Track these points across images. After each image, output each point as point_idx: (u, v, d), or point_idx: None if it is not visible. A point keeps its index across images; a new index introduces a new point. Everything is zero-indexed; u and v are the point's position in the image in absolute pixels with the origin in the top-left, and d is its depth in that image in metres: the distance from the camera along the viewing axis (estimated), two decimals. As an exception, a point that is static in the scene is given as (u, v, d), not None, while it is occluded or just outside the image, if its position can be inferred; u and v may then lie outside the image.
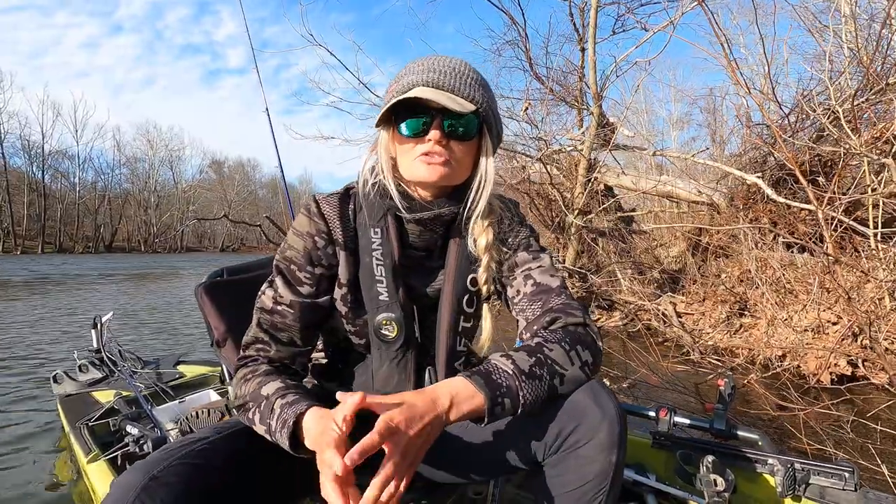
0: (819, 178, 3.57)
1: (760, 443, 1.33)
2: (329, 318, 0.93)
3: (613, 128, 5.23)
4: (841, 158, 3.35)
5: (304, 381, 1.02)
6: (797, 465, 1.22)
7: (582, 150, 5.05)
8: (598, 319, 4.77)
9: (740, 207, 4.43)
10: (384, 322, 0.86)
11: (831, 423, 2.18)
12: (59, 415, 2.00)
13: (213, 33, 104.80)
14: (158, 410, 1.78)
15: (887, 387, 2.68)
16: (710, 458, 1.19)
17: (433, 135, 0.79)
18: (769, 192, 3.63)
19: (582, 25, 5.88)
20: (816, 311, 3.19)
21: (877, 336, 2.73)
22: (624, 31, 5.98)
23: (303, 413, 0.71)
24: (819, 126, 3.78)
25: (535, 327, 0.83)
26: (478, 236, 0.88)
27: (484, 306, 0.93)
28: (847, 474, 1.18)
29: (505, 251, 0.92)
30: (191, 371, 2.35)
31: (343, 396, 0.66)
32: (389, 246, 0.87)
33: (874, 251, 3.13)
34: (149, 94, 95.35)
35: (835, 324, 3.13)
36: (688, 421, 1.42)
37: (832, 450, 1.91)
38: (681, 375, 3.03)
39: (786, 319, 3.34)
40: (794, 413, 2.17)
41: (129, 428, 1.62)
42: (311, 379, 1.02)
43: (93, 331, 2.45)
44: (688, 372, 3.14)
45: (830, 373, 2.85)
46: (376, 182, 0.86)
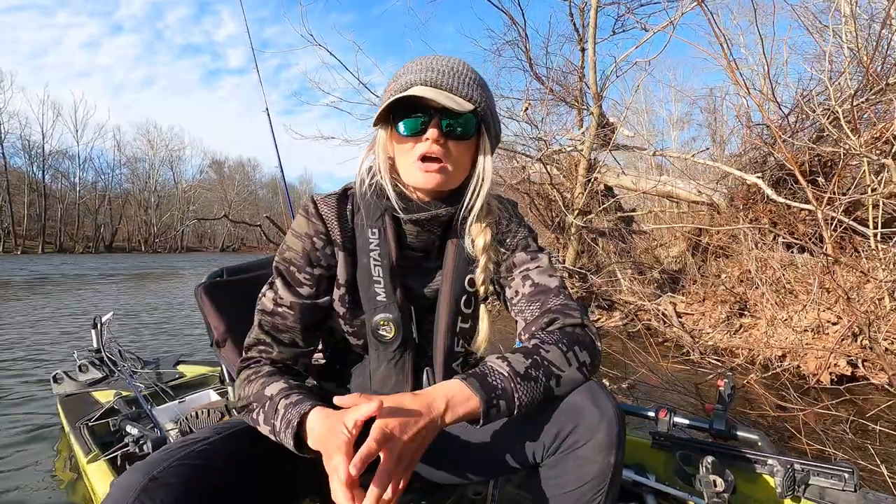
0: (819, 179, 3.57)
1: (760, 443, 1.33)
2: (328, 318, 0.93)
3: (613, 128, 5.23)
4: (841, 159, 3.35)
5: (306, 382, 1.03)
6: (797, 466, 1.22)
7: (582, 150, 5.05)
8: (598, 319, 4.77)
9: (740, 207, 4.43)
10: (382, 323, 0.87)
11: (831, 424, 2.18)
12: (59, 415, 2.00)
13: (214, 33, 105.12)
14: (158, 410, 1.78)
15: (887, 387, 2.68)
16: (710, 459, 1.19)
17: (431, 134, 0.79)
18: (769, 192, 3.63)
19: (582, 25, 5.88)
20: (816, 312, 3.19)
21: (876, 336, 2.73)
22: (624, 31, 5.98)
23: (307, 413, 0.72)
24: (819, 126, 3.78)
25: (533, 328, 0.83)
26: (475, 237, 0.88)
27: (481, 307, 0.92)
28: (847, 475, 1.18)
29: (503, 252, 0.92)
30: (191, 371, 2.36)
31: (349, 400, 0.66)
32: (387, 246, 0.87)
33: (874, 251, 3.13)
34: (149, 94, 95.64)
35: (835, 324, 3.13)
36: (687, 421, 1.42)
37: (832, 450, 1.91)
38: (680, 376, 3.03)
39: (786, 319, 3.34)
40: (794, 413, 2.17)
41: (128, 428, 1.62)
42: (309, 379, 1.02)
43: (93, 331, 2.45)
44: (687, 372, 3.14)
45: (830, 373, 2.85)
46: (373, 182, 0.86)
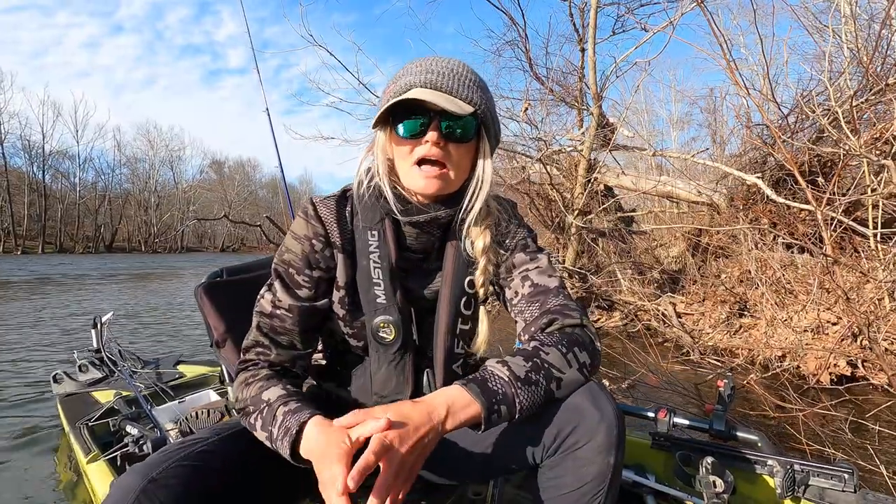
0: (819, 179, 3.57)
1: (760, 444, 1.33)
2: (327, 320, 0.93)
3: (613, 128, 5.23)
4: (840, 159, 3.35)
5: (304, 382, 1.02)
6: (796, 467, 1.22)
7: (582, 150, 5.05)
8: (598, 320, 4.77)
9: (740, 208, 4.44)
10: (382, 325, 0.86)
11: (831, 424, 2.18)
12: (59, 415, 2.00)
13: (214, 33, 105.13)
14: (158, 410, 1.78)
15: (887, 387, 2.68)
16: (710, 460, 1.19)
17: (431, 136, 0.78)
18: (769, 192, 3.63)
19: (582, 26, 5.88)
20: (816, 312, 3.19)
21: (876, 337, 2.73)
22: (624, 31, 5.98)
23: (305, 422, 0.71)
24: (819, 127, 3.78)
25: (532, 329, 0.83)
26: (475, 239, 0.88)
27: (481, 308, 0.92)
28: (846, 475, 1.18)
29: (502, 253, 0.92)
30: (191, 371, 2.35)
31: (350, 420, 0.66)
32: (386, 248, 0.86)
33: (874, 252, 3.13)
34: (149, 95, 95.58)
35: (834, 324, 3.13)
36: (687, 422, 1.42)
37: (831, 451, 1.91)
38: (680, 376, 3.03)
39: (785, 320, 3.34)
40: (794, 414, 2.17)
41: (128, 428, 1.62)
42: (309, 379, 1.02)
43: (93, 331, 2.45)
44: (687, 372, 3.14)
45: (830, 373, 2.85)
46: (372, 184, 0.86)
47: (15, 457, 2.08)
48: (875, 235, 3.06)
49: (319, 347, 1.03)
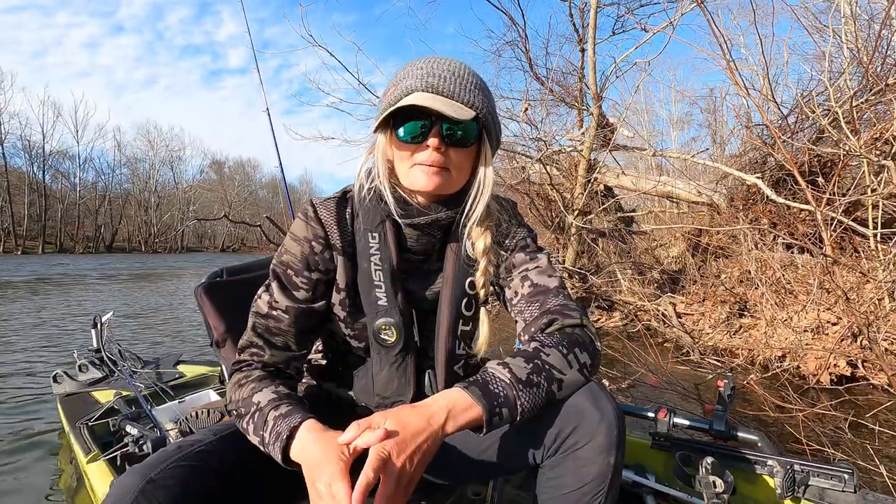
0: (818, 179, 3.57)
1: (760, 444, 1.33)
2: (326, 322, 0.93)
3: (613, 128, 5.23)
4: (840, 159, 3.35)
5: (302, 381, 1.02)
6: (796, 467, 1.22)
7: (582, 150, 5.05)
8: (598, 320, 4.77)
9: (740, 208, 4.44)
10: (383, 327, 0.86)
11: (830, 424, 2.18)
12: (59, 414, 2.00)
13: (214, 34, 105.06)
14: (158, 410, 1.78)
15: (886, 387, 2.67)
16: (710, 460, 1.19)
17: (432, 142, 0.78)
18: (769, 192, 3.63)
19: (582, 26, 5.87)
20: (816, 312, 3.19)
21: (876, 337, 2.73)
22: (624, 31, 5.96)
23: (296, 427, 0.71)
24: (819, 127, 3.78)
25: (532, 329, 0.82)
26: (475, 240, 0.88)
27: (482, 309, 0.92)
28: (846, 476, 1.18)
29: (502, 253, 0.92)
30: (191, 371, 2.36)
31: (351, 435, 0.65)
32: (387, 251, 0.86)
33: (874, 252, 3.13)
34: (150, 95, 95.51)
35: (834, 324, 3.13)
36: (687, 422, 1.43)
37: (831, 451, 1.90)
38: (680, 376, 3.02)
39: (785, 320, 3.34)
40: (794, 414, 2.17)
41: (128, 428, 1.62)
42: (308, 379, 1.02)
43: (93, 330, 2.45)
44: (687, 372, 3.14)
45: (830, 373, 2.86)
46: (373, 187, 0.85)
47: (15, 456, 2.08)
48: (875, 235, 3.06)
49: (319, 347, 1.03)
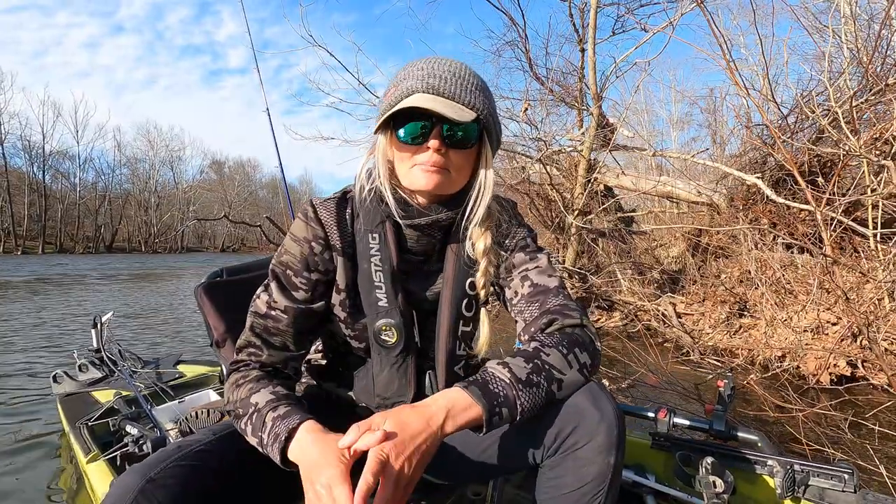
0: (818, 179, 3.57)
1: (760, 444, 1.33)
2: (325, 322, 0.92)
3: (613, 128, 5.23)
4: (840, 159, 3.35)
5: (301, 381, 1.02)
6: (796, 467, 1.22)
7: (582, 150, 5.05)
8: (598, 320, 4.77)
9: (740, 208, 4.44)
10: (384, 328, 0.86)
11: (830, 424, 2.18)
12: (59, 414, 2.00)
13: (214, 33, 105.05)
14: (158, 410, 1.78)
15: (886, 387, 2.67)
16: (710, 460, 1.19)
17: (433, 144, 0.78)
18: (769, 192, 3.63)
19: (582, 26, 5.87)
20: (816, 312, 3.19)
21: (875, 337, 2.73)
22: (624, 31, 5.96)
23: (295, 428, 0.71)
24: (819, 127, 3.78)
25: (532, 329, 0.82)
26: (476, 240, 0.87)
27: (482, 310, 0.92)
28: (846, 476, 1.18)
29: (502, 253, 0.92)
30: (190, 371, 2.35)
31: (351, 440, 0.64)
32: (388, 251, 0.86)
33: (873, 252, 3.13)
34: (150, 95, 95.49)
35: (834, 324, 3.13)
36: (687, 422, 1.42)
37: (831, 451, 1.91)
38: (680, 376, 3.02)
39: (785, 320, 3.34)
40: (794, 414, 2.17)
41: (128, 428, 1.62)
42: (308, 379, 1.02)
43: (92, 330, 2.45)
44: (687, 372, 3.14)
45: (830, 373, 2.86)
46: (373, 187, 0.85)
47: (15, 456, 2.07)
48: (875, 235, 3.06)
49: (319, 347, 1.03)
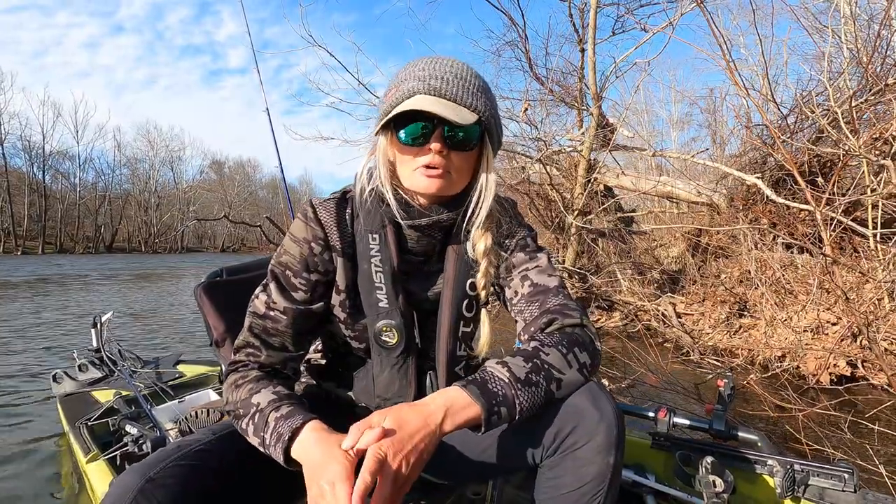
0: (818, 179, 3.57)
1: (760, 444, 1.33)
2: (324, 323, 0.92)
3: (613, 128, 5.23)
4: (840, 159, 3.35)
5: (301, 380, 1.02)
6: (796, 466, 1.22)
7: (582, 150, 5.05)
8: (598, 320, 4.77)
9: (740, 208, 4.44)
10: (384, 329, 0.86)
11: (830, 424, 2.18)
12: (59, 414, 2.00)
13: (214, 34, 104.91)
14: (158, 410, 1.78)
15: (886, 387, 2.67)
16: (710, 459, 1.19)
17: (434, 146, 0.77)
18: (768, 192, 3.63)
19: (581, 26, 5.87)
20: (816, 312, 3.19)
21: (875, 337, 2.73)
22: (623, 31, 5.95)
23: (299, 428, 0.71)
24: (818, 127, 3.78)
25: (532, 329, 0.82)
26: (476, 241, 0.87)
27: (482, 310, 0.92)
28: (846, 475, 1.18)
29: (502, 254, 0.91)
30: (190, 371, 2.35)
31: (352, 441, 0.65)
32: (388, 252, 0.86)
33: (873, 252, 3.13)
34: (150, 95, 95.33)
35: (834, 324, 3.13)
36: (687, 421, 1.42)
37: (831, 451, 1.91)
38: (680, 376, 3.02)
39: (785, 320, 3.34)
40: (794, 414, 2.17)
41: (128, 427, 1.62)
42: (308, 378, 1.02)
43: (92, 330, 2.45)
44: (687, 372, 3.14)
45: (830, 373, 2.86)
46: (374, 188, 0.85)
47: (14, 456, 2.07)
48: (875, 235, 3.06)
49: (319, 347, 1.03)
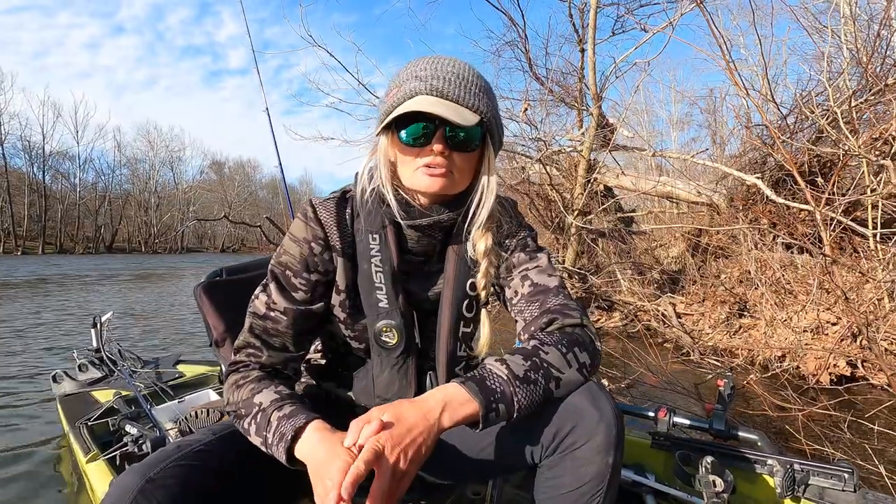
0: (818, 179, 3.57)
1: (760, 443, 1.33)
2: (325, 323, 0.92)
3: (613, 128, 5.23)
4: (840, 159, 3.35)
5: (301, 380, 1.02)
6: (796, 466, 1.22)
7: (581, 150, 5.05)
8: (598, 320, 4.77)
9: (740, 208, 4.44)
10: (384, 329, 0.86)
11: (830, 424, 2.18)
12: (59, 414, 2.00)
13: (214, 34, 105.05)
14: (158, 410, 1.77)
15: (886, 387, 2.67)
16: (710, 459, 1.19)
17: (436, 147, 0.77)
18: (768, 192, 3.63)
19: (581, 26, 5.87)
20: (816, 312, 3.19)
21: (875, 337, 2.73)
22: (623, 31, 5.96)
23: (301, 427, 0.71)
24: (818, 127, 3.78)
25: (532, 328, 0.82)
26: (476, 241, 0.87)
27: (482, 311, 0.92)
28: (846, 475, 1.18)
29: (502, 254, 0.91)
30: (190, 371, 2.35)
31: (352, 439, 0.65)
32: (388, 252, 0.86)
33: (873, 252, 3.13)
34: (150, 95, 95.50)
35: (834, 324, 3.13)
36: (687, 421, 1.42)
37: (831, 450, 1.91)
38: (680, 376, 3.02)
39: (785, 320, 3.34)
40: (793, 414, 2.17)
41: (128, 427, 1.61)
42: (308, 378, 1.02)
43: (92, 330, 2.45)
44: (687, 372, 3.14)
45: (830, 373, 2.86)
46: (374, 189, 0.84)
47: (14, 456, 2.07)
48: (874, 235, 3.06)
49: (319, 347, 1.03)
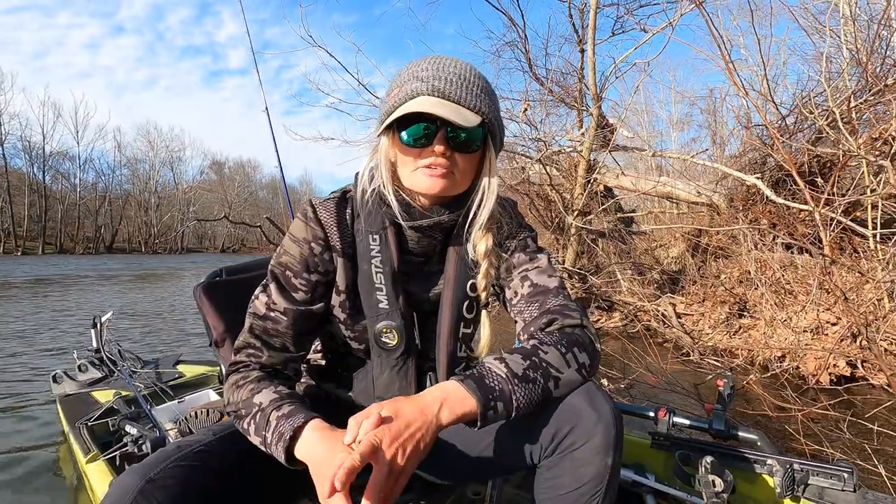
0: (818, 180, 3.58)
1: (759, 443, 1.33)
2: (325, 323, 0.92)
3: (613, 129, 5.23)
4: (839, 160, 3.35)
5: (301, 381, 1.02)
6: (796, 466, 1.22)
7: (581, 151, 5.05)
8: (598, 320, 4.77)
9: (739, 208, 4.44)
10: (384, 330, 0.86)
11: (830, 424, 2.18)
12: (59, 415, 2.00)
13: (215, 34, 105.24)
14: (157, 410, 1.77)
15: (886, 387, 2.68)
16: (709, 459, 1.19)
17: (437, 149, 0.77)
18: (768, 193, 3.63)
19: (581, 27, 5.87)
20: (815, 312, 3.19)
21: (875, 337, 2.73)
22: (623, 32, 5.96)
23: (300, 427, 0.71)
24: (818, 127, 3.78)
25: (531, 329, 0.82)
26: (477, 242, 0.87)
27: (483, 312, 0.92)
28: (846, 475, 1.18)
29: (503, 255, 0.91)
30: (190, 371, 2.35)
31: (357, 423, 0.65)
32: (388, 253, 0.85)
33: (873, 252, 3.13)
34: (150, 95, 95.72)
35: (834, 324, 3.13)
36: (687, 421, 1.43)
37: (830, 450, 1.91)
38: (680, 376, 3.02)
39: (785, 320, 3.34)
40: (793, 414, 2.17)
41: (128, 428, 1.61)
42: (307, 379, 1.02)
43: (92, 330, 2.45)
44: (687, 372, 3.14)
45: (829, 373, 2.86)
46: (375, 189, 0.84)
47: (14, 457, 2.07)
48: (874, 236, 3.06)
49: (318, 347, 1.03)
